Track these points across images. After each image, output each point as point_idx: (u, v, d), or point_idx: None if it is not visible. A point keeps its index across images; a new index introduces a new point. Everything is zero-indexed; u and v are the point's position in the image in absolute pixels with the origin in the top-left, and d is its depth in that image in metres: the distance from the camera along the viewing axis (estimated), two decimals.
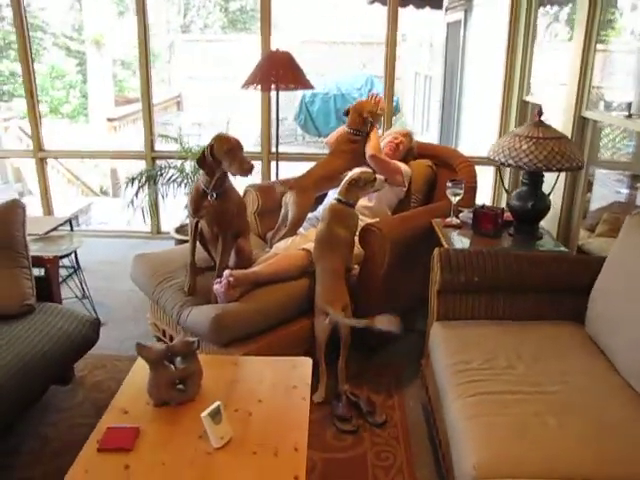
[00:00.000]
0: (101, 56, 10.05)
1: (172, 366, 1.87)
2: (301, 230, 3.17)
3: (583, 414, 1.81)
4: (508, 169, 4.37)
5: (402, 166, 3.30)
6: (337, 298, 2.64)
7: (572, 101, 3.41)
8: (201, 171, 2.64)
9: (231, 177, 2.70)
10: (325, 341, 2.66)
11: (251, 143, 4.60)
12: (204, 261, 2.94)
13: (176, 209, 4.31)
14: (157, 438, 1.72)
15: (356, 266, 2.90)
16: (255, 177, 4.21)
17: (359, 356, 2.96)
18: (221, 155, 2.53)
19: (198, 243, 2.92)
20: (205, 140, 2.72)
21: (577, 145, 3.41)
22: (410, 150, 3.49)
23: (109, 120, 8.24)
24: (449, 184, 2.84)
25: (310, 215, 3.26)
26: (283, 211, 3.19)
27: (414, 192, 3.40)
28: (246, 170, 2.53)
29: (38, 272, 2.71)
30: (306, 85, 3.62)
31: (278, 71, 3.51)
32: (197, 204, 2.67)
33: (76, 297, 3.52)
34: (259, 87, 3.73)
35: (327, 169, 3.23)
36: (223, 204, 2.64)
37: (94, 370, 2.93)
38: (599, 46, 5.30)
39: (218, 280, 2.60)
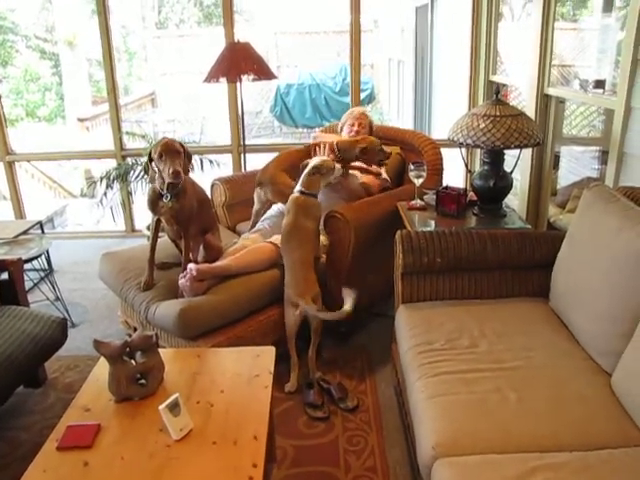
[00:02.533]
0: (75, 56, 9.92)
1: (132, 361, 1.86)
2: (266, 219, 3.17)
3: (544, 388, 1.82)
4: (479, 150, 4.38)
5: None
6: (307, 289, 2.63)
7: (534, 79, 3.42)
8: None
9: (195, 174, 2.70)
10: (295, 332, 2.65)
11: (228, 137, 4.60)
12: (174, 257, 2.93)
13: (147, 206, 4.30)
14: (117, 433, 1.71)
15: (323, 255, 2.90)
16: (223, 170, 4.21)
17: (331, 343, 2.97)
18: (156, 161, 2.53)
19: (169, 240, 2.92)
20: (179, 135, 2.72)
21: (541, 122, 3.42)
22: (371, 127, 3.50)
23: (80, 120, 8.14)
24: (411, 167, 2.85)
25: (275, 205, 3.25)
26: (256, 207, 3.18)
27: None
28: (169, 176, 2.48)
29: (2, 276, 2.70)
30: (269, 75, 3.60)
31: (239, 62, 3.48)
32: (154, 204, 2.67)
33: (48, 300, 3.49)
34: (223, 80, 3.70)
35: (286, 154, 3.22)
36: (178, 203, 2.62)
37: (67, 371, 2.92)
38: (571, 25, 5.33)
39: (183, 275, 2.59)
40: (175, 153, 2.52)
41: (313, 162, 2.79)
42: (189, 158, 2.64)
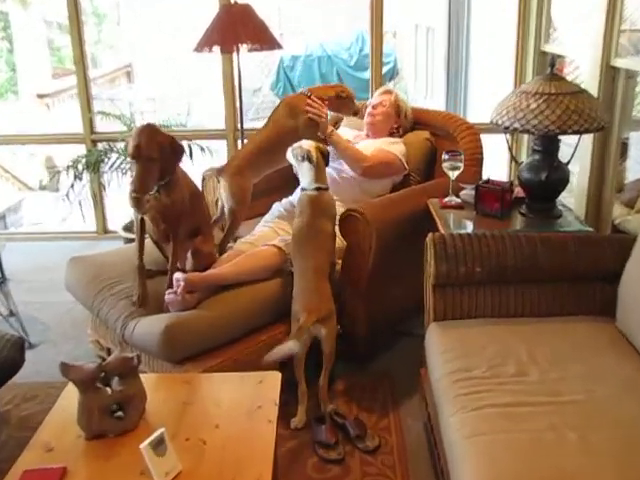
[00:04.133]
0: (29, 17, 9.88)
1: (107, 389, 1.87)
2: (267, 221, 3.19)
3: (609, 427, 1.82)
4: (526, 136, 4.38)
5: (393, 151, 3.29)
6: (319, 303, 2.64)
7: (599, 48, 3.41)
8: None
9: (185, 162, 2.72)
10: (304, 355, 2.66)
11: (222, 119, 4.63)
12: (157, 264, 2.94)
13: (124, 202, 4.32)
14: (88, 479, 1.72)
15: (338, 261, 2.91)
16: (217, 159, 4.23)
17: (347, 368, 2.99)
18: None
19: (152, 243, 2.93)
20: (161, 117, 2.73)
21: (605, 101, 3.41)
22: (398, 112, 3.50)
23: (40, 97, 8.17)
24: (445, 156, 2.86)
25: (276, 205, 3.30)
26: (219, 205, 3.19)
27: (411, 171, 3.40)
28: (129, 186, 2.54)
29: None
30: (272, 44, 3.63)
31: (237, 28, 3.51)
32: (138, 199, 2.67)
33: (0, 315, 3.51)
34: (217, 49, 3.73)
35: (258, 140, 3.22)
36: (169, 197, 2.65)
37: (22, 403, 2.92)
38: None
39: (170, 291, 2.61)
40: (146, 161, 2.51)
41: (312, 150, 2.82)
42: (177, 154, 2.64)
